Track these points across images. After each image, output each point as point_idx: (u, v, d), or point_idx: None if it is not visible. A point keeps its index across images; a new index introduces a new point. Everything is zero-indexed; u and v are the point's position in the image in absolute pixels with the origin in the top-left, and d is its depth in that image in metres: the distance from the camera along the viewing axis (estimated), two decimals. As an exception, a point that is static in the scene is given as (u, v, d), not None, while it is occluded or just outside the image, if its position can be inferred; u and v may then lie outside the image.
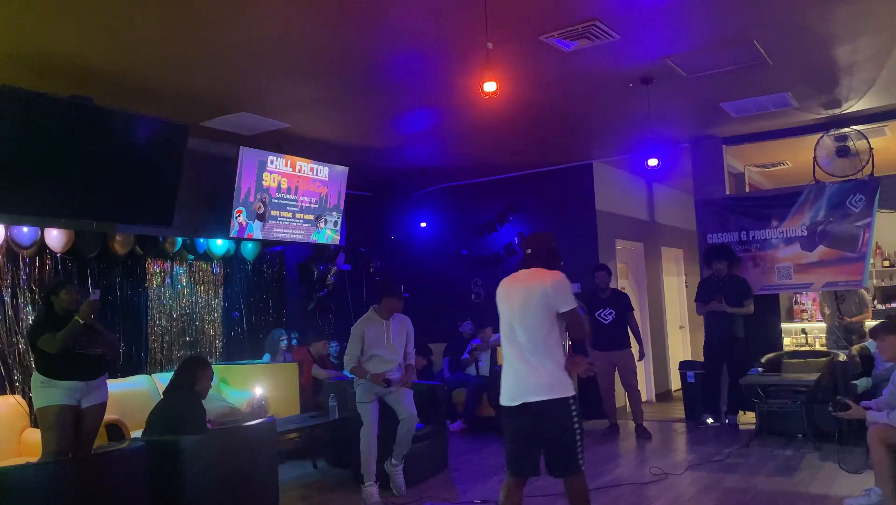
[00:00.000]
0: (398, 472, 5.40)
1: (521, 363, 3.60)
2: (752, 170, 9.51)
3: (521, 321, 3.63)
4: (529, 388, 3.55)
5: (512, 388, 3.61)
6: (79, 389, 4.83)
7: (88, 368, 4.90)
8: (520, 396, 3.56)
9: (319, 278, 8.75)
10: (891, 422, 4.13)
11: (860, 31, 5.13)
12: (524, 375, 3.58)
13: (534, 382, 3.55)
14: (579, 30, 4.72)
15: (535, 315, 3.61)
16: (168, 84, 5.42)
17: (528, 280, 3.71)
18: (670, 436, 7.41)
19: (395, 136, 7.30)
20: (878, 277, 10.12)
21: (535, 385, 3.55)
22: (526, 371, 3.58)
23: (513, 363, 3.65)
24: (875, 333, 4.53)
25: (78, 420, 4.84)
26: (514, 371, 3.63)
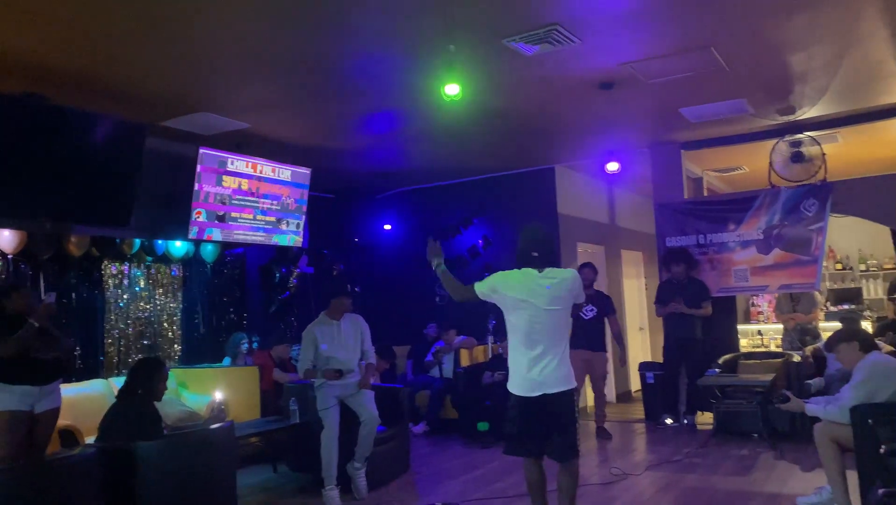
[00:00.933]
0: (360, 475, 5.37)
1: (542, 359, 3.82)
2: (710, 174, 9.69)
3: (546, 322, 3.86)
4: (550, 380, 3.81)
5: (533, 380, 3.82)
6: (32, 395, 4.71)
7: (43, 372, 4.78)
8: (540, 388, 3.81)
9: (281, 281, 8.67)
10: (827, 413, 4.23)
11: (813, 41, 5.27)
12: (545, 370, 3.82)
13: (554, 375, 3.82)
14: (541, 34, 4.76)
15: (561, 314, 3.92)
16: (126, 83, 5.33)
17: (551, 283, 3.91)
18: (630, 436, 7.50)
19: (358, 138, 7.27)
20: (830, 279, 10.40)
21: (555, 378, 3.82)
22: (546, 366, 3.82)
23: (533, 359, 3.83)
24: (830, 346, 4.59)
25: (31, 426, 4.72)
26: (534, 366, 3.83)
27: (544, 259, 3.97)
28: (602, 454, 6.59)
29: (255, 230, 7.35)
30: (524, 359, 3.87)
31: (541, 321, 3.85)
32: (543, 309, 3.86)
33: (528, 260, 3.97)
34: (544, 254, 3.98)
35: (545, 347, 3.84)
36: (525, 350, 3.87)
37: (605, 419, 7.46)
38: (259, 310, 8.58)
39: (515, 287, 3.92)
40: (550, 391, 3.81)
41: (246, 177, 7.13)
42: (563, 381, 3.85)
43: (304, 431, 5.75)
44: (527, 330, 3.87)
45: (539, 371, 3.83)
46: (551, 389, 3.81)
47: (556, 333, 3.90)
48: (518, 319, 3.91)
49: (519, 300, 3.89)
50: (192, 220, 6.69)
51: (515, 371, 3.93)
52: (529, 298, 3.87)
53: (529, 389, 3.84)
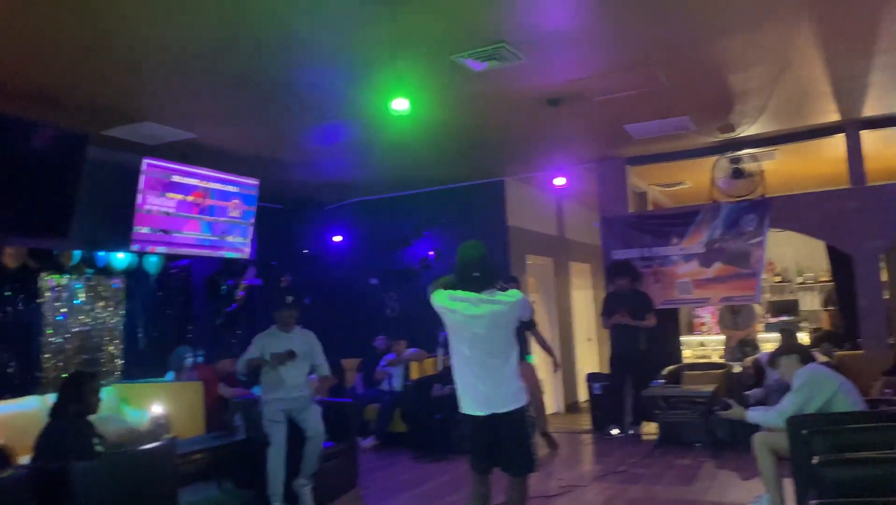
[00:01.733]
0: (306, 492, 5.30)
1: (488, 379, 3.81)
2: (654, 189, 9.91)
3: (488, 342, 3.84)
4: (498, 400, 3.80)
5: (481, 400, 3.81)
6: None
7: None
8: (489, 408, 3.79)
9: (228, 293, 8.52)
10: (768, 419, 4.36)
11: (751, 62, 5.45)
12: (493, 388, 3.81)
13: (502, 395, 3.81)
14: (489, 51, 4.82)
15: (504, 332, 3.88)
16: (66, 90, 5.19)
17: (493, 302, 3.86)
18: (577, 447, 7.59)
19: (307, 150, 7.22)
20: (770, 291, 10.73)
21: (502, 397, 3.81)
22: (494, 384, 3.81)
23: (480, 376, 3.82)
24: (772, 362, 4.72)
25: None
26: (480, 386, 3.82)
27: (485, 280, 3.90)
28: (548, 466, 6.64)
29: (201, 241, 7.21)
30: (469, 379, 3.87)
31: (483, 344, 3.84)
32: (483, 334, 3.83)
33: (468, 281, 3.92)
34: (484, 274, 3.91)
35: (489, 367, 3.82)
36: (469, 370, 3.87)
37: (547, 424, 7.35)
38: (204, 323, 8.41)
39: (455, 311, 3.88)
40: (499, 411, 3.80)
41: (192, 188, 7.01)
42: (511, 399, 3.83)
43: (249, 447, 5.65)
44: (468, 353, 3.87)
45: (485, 391, 3.81)
46: (500, 408, 3.80)
47: (500, 353, 3.85)
48: (460, 341, 3.90)
49: (459, 325, 3.88)
50: (134, 231, 6.53)
51: (462, 390, 3.91)
52: (468, 323, 3.85)
53: (477, 408, 3.84)
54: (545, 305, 9.96)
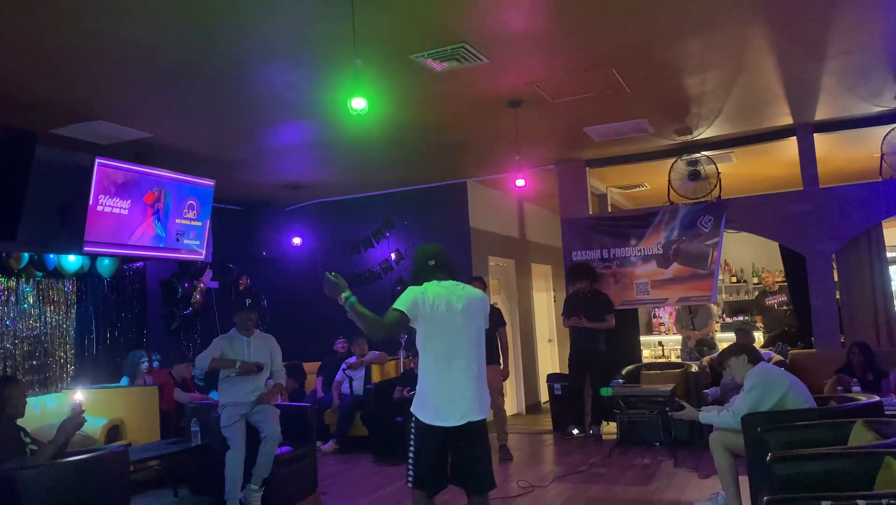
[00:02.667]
0: (257, 498, 5.17)
1: (468, 381, 3.44)
2: (613, 191, 10.02)
3: (467, 335, 3.48)
4: (476, 407, 3.44)
5: (457, 407, 3.39)
6: None
7: None
8: (465, 416, 3.40)
9: (184, 296, 8.36)
10: (721, 419, 4.43)
11: (707, 65, 5.53)
12: (471, 394, 3.43)
13: (480, 401, 3.47)
14: (448, 51, 4.81)
15: (478, 329, 3.55)
16: (11, 87, 5.02)
17: (467, 294, 3.56)
18: (538, 448, 7.61)
19: (264, 150, 7.12)
20: (726, 292, 10.93)
21: (480, 404, 3.47)
22: (473, 389, 3.44)
23: (457, 381, 3.42)
24: (722, 361, 4.74)
25: None
26: (459, 389, 3.41)
27: (445, 269, 3.61)
28: (508, 467, 6.65)
29: (155, 243, 7.05)
30: (445, 384, 3.42)
31: (463, 338, 3.47)
32: (461, 322, 3.47)
33: (428, 272, 3.60)
34: (442, 264, 3.61)
35: (468, 367, 3.46)
36: (445, 372, 3.43)
37: (507, 437, 7.11)
38: (160, 326, 8.24)
39: (435, 297, 3.48)
40: (475, 418, 3.43)
41: (146, 188, 6.84)
42: (485, 407, 3.51)
43: (205, 452, 5.55)
44: (447, 348, 3.45)
45: (463, 397, 3.41)
46: (477, 415, 3.44)
47: (477, 350, 3.52)
48: (437, 334, 3.46)
49: (435, 310, 3.45)
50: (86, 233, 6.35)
51: (431, 397, 3.44)
52: (450, 309, 3.47)
53: (452, 416, 3.40)
54: (507, 307, 9.98)
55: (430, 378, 3.47)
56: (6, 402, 3.75)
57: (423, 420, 3.44)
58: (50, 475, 3.56)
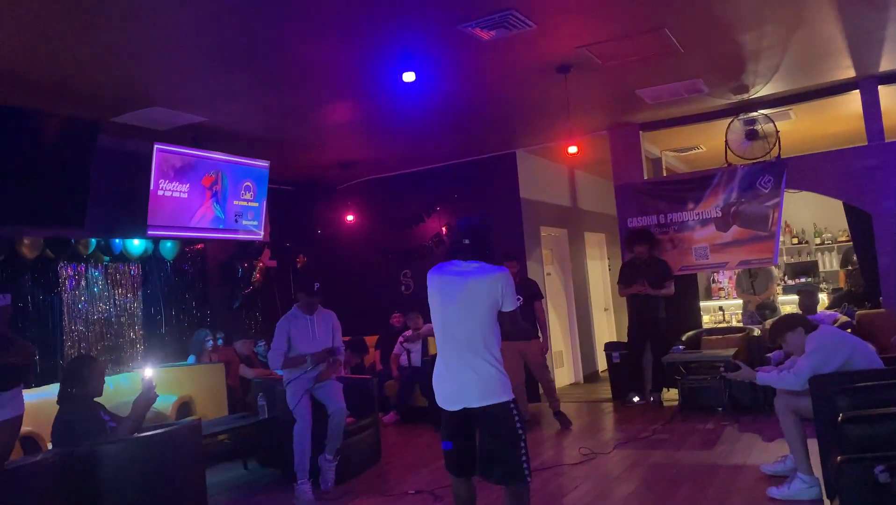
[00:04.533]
0: (331, 467, 5.35)
1: (460, 364, 3.30)
2: (668, 154, 9.81)
3: (463, 317, 3.31)
4: (470, 392, 3.27)
5: (450, 391, 3.31)
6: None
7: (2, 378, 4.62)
8: (459, 401, 3.28)
9: (244, 275, 8.56)
10: (781, 380, 4.32)
11: (764, 19, 5.34)
12: (464, 378, 3.29)
13: (474, 386, 3.27)
14: (496, 19, 4.75)
15: (480, 311, 3.32)
16: (74, 79, 5.18)
17: (471, 273, 3.37)
18: (598, 416, 7.60)
19: (316, 129, 7.19)
20: (787, 254, 10.65)
21: (475, 389, 3.27)
22: (465, 373, 3.28)
23: (450, 363, 3.34)
24: (775, 337, 4.55)
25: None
26: (451, 372, 3.32)
27: (475, 249, 3.41)
28: (569, 436, 6.67)
29: (214, 225, 7.23)
30: (442, 365, 3.39)
31: (456, 319, 3.32)
32: (457, 308, 3.33)
33: (457, 249, 3.44)
34: (476, 243, 3.42)
35: (463, 352, 3.30)
36: (444, 355, 3.38)
37: (559, 403, 7.06)
38: (222, 306, 8.47)
39: (435, 280, 3.43)
40: (472, 405, 3.27)
41: (204, 172, 7.01)
42: (486, 394, 3.26)
43: (272, 426, 5.72)
44: (443, 330, 3.37)
45: (456, 381, 3.30)
46: (473, 402, 3.27)
47: (475, 336, 3.30)
48: (434, 314, 3.41)
49: (435, 294, 3.40)
50: (149, 217, 6.54)
51: (435, 378, 3.43)
52: (443, 292, 3.37)
53: (448, 401, 3.34)
54: (561, 277, 9.94)
55: (438, 361, 3.44)
56: (86, 380, 3.92)
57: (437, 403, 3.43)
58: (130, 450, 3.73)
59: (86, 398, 3.95)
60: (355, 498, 5.17)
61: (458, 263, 3.41)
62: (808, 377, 4.12)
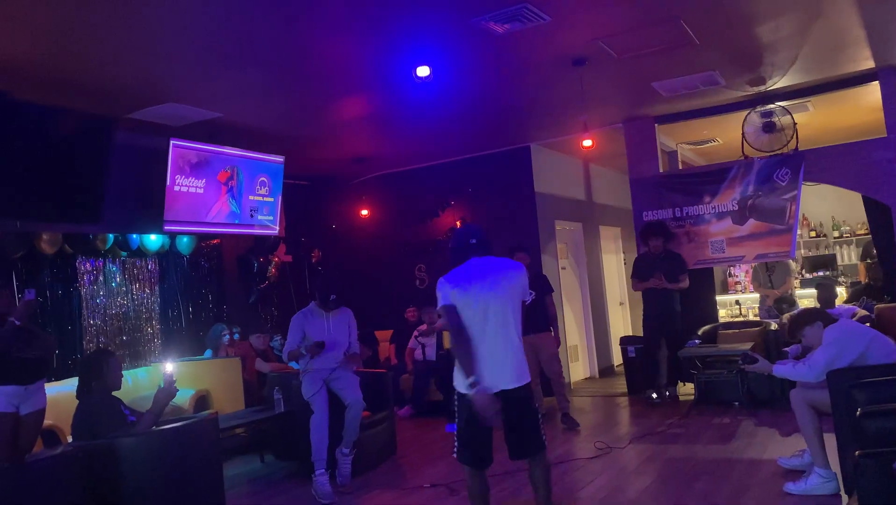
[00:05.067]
0: (347, 461, 5.37)
1: (496, 352, 3.56)
2: (684, 147, 9.74)
3: (503, 306, 3.61)
4: (507, 375, 3.56)
5: (486, 377, 3.49)
6: (17, 395, 4.62)
7: (27, 372, 4.70)
8: (497, 385, 3.51)
9: (260, 270, 8.61)
10: (797, 372, 4.29)
11: (781, 10, 5.29)
12: (500, 363, 3.56)
13: (510, 370, 3.58)
14: (510, 12, 4.74)
15: (513, 302, 3.66)
16: (89, 76, 5.22)
17: (501, 267, 3.72)
18: (613, 410, 7.58)
19: (330, 124, 7.21)
20: (805, 247, 10.54)
21: (512, 372, 3.58)
22: (502, 359, 3.57)
23: (486, 352, 3.55)
24: (794, 332, 4.53)
25: (15, 428, 4.63)
26: (487, 360, 3.53)
27: (483, 247, 3.75)
28: (586, 429, 6.65)
29: (230, 220, 7.28)
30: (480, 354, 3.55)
31: (493, 309, 3.59)
32: (491, 294, 3.60)
33: (467, 250, 3.74)
34: (482, 242, 3.76)
35: (498, 337, 3.58)
36: (476, 343, 3.57)
37: (570, 406, 6.94)
38: (238, 300, 8.53)
39: (462, 277, 3.66)
40: (509, 386, 3.56)
41: (219, 167, 7.05)
42: (520, 375, 3.61)
43: (289, 419, 5.76)
44: (478, 320, 3.58)
45: (494, 366, 3.54)
46: (509, 384, 3.56)
47: (508, 321, 3.62)
48: (467, 308, 3.60)
49: (467, 288, 3.61)
50: (166, 213, 6.59)
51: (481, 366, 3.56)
52: (477, 283, 3.62)
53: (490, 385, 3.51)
54: (576, 271, 9.92)
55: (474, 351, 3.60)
56: (104, 374, 3.96)
57: (459, 389, 3.62)
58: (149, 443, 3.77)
59: (104, 392, 3.99)
60: (371, 491, 5.20)
61: (478, 260, 3.72)
62: (824, 370, 4.10)
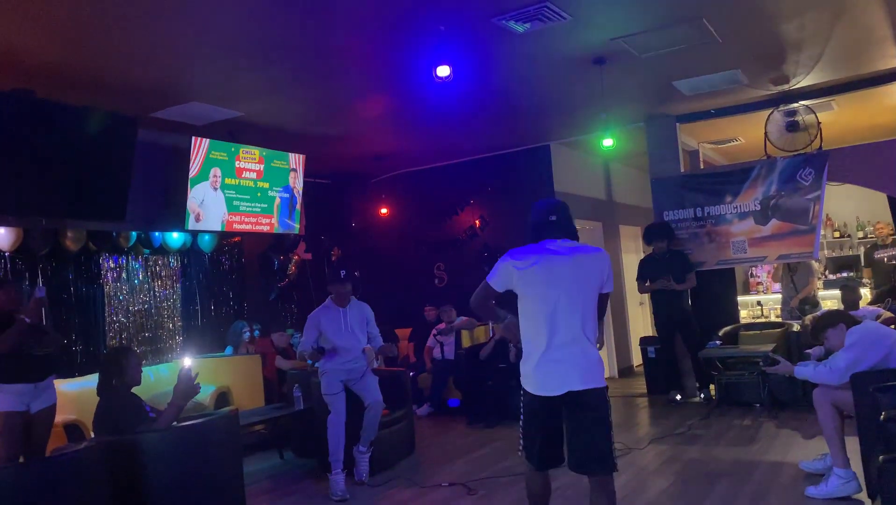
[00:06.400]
0: (364, 459, 5.39)
1: (571, 347, 3.18)
2: (705, 146, 9.66)
3: (575, 298, 3.20)
4: (575, 375, 3.17)
5: (552, 376, 3.18)
6: (28, 393, 4.66)
7: (37, 369, 4.74)
8: (564, 385, 3.16)
9: (280, 268, 8.67)
10: (817, 374, 4.25)
11: (804, 8, 5.22)
12: (574, 361, 3.18)
13: (582, 369, 3.18)
14: (531, 11, 4.72)
15: (590, 293, 3.26)
16: (114, 75, 5.29)
17: (577, 250, 3.29)
18: (633, 411, 7.54)
19: (351, 122, 7.23)
20: (828, 248, 10.41)
21: (584, 372, 3.18)
22: (576, 356, 3.19)
23: (559, 348, 3.18)
24: (817, 334, 4.50)
25: (28, 426, 4.67)
26: (558, 356, 3.18)
27: (564, 226, 3.31)
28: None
29: (252, 218, 7.33)
30: (542, 349, 3.21)
31: (564, 300, 3.19)
32: (568, 289, 3.20)
33: (545, 227, 3.31)
34: (563, 219, 3.32)
35: (569, 332, 3.19)
36: (545, 337, 3.20)
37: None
38: (259, 298, 8.59)
39: (532, 259, 3.25)
40: (578, 388, 3.15)
41: (240, 165, 7.10)
42: (593, 377, 3.20)
43: (308, 417, 5.80)
44: (546, 311, 3.20)
45: (563, 364, 3.17)
46: (578, 385, 3.15)
47: (581, 315, 3.21)
48: (535, 297, 3.24)
49: (536, 273, 3.22)
50: (188, 210, 6.66)
51: (530, 364, 3.25)
52: (550, 268, 3.22)
53: (552, 386, 3.19)
54: (595, 270, 9.85)
55: (532, 345, 3.27)
56: (124, 370, 3.99)
57: (529, 390, 3.27)
58: (171, 438, 3.80)
59: (125, 388, 4.02)
60: (389, 489, 5.22)
61: (554, 242, 3.29)
62: (845, 372, 4.06)
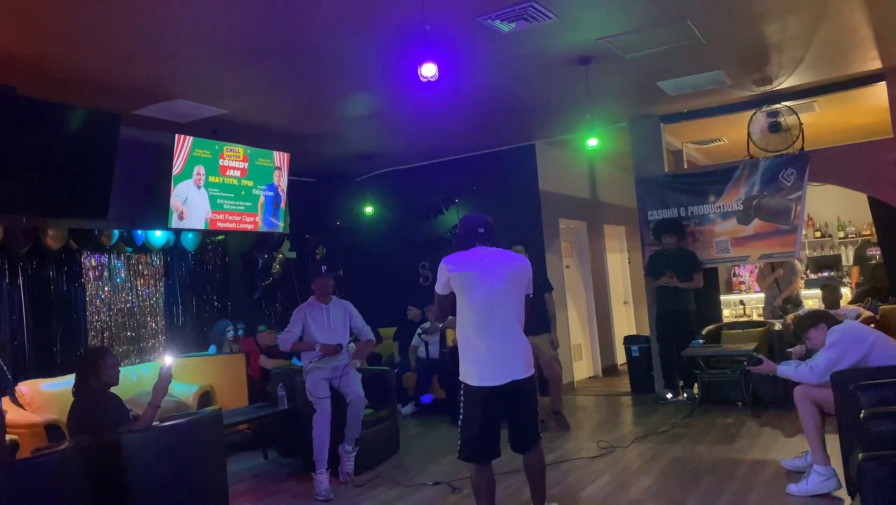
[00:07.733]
0: (350, 458, 5.39)
1: (506, 342, 3.62)
2: (689, 147, 9.72)
3: (508, 298, 3.66)
4: (517, 366, 3.62)
5: (497, 367, 3.59)
6: None
7: None
8: (508, 375, 3.59)
9: (264, 267, 8.63)
10: (798, 373, 4.30)
11: (787, 10, 5.27)
12: (511, 354, 3.63)
13: (520, 360, 3.64)
14: (516, 11, 4.73)
15: (518, 293, 3.72)
16: (96, 72, 5.23)
17: (506, 259, 3.77)
18: (616, 409, 7.58)
19: (336, 121, 7.21)
20: (810, 247, 10.53)
21: (521, 363, 3.64)
22: (511, 349, 3.63)
23: (496, 342, 3.61)
24: (799, 334, 4.58)
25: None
26: (497, 350, 3.60)
27: (490, 237, 3.80)
28: (588, 430, 6.65)
29: (236, 216, 7.29)
30: (484, 344, 3.61)
31: (500, 300, 3.63)
32: (500, 287, 3.64)
33: (474, 238, 3.78)
34: (489, 231, 3.80)
35: (507, 328, 3.64)
36: (485, 333, 3.61)
37: (562, 405, 6.86)
38: (242, 297, 8.55)
39: (468, 264, 3.69)
40: (519, 377, 3.62)
41: (224, 163, 7.06)
42: (528, 366, 3.69)
43: (292, 416, 5.77)
44: (485, 310, 3.62)
45: (503, 357, 3.60)
46: (519, 374, 3.63)
47: (516, 313, 3.69)
48: (474, 299, 3.64)
49: (474, 276, 3.64)
50: (171, 209, 6.61)
51: (474, 360, 3.64)
52: (485, 273, 3.65)
53: (496, 377, 3.59)
54: (580, 269, 9.91)
55: (467, 344, 3.68)
56: (100, 371, 3.95)
57: (472, 383, 3.65)
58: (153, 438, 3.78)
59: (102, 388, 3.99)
60: (374, 488, 5.21)
61: (483, 249, 3.76)
62: (825, 372, 4.11)
